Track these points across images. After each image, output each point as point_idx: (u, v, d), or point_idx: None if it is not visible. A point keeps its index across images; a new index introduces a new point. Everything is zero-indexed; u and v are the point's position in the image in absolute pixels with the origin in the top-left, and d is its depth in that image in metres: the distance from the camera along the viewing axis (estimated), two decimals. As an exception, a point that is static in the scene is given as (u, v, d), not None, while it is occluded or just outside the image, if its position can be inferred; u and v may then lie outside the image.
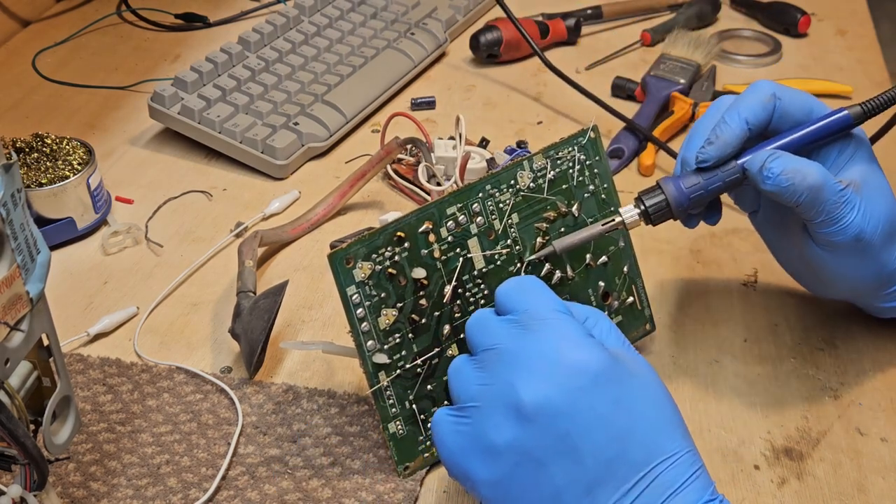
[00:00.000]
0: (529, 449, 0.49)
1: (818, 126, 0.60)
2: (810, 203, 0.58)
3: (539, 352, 0.50)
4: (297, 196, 0.85)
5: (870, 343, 0.69)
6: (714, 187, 0.60)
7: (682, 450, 0.49)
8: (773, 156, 0.58)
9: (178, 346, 0.70)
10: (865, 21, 1.14)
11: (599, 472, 0.48)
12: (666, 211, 0.60)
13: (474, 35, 1.05)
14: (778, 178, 0.57)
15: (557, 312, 0.52)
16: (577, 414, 0.48)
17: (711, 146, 0.60)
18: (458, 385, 0.53)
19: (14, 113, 0.98)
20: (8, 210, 0.44)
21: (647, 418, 0.49)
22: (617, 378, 0.49)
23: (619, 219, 0.60)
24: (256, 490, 0.59)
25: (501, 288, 0.54)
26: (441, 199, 0.59)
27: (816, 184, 0.57)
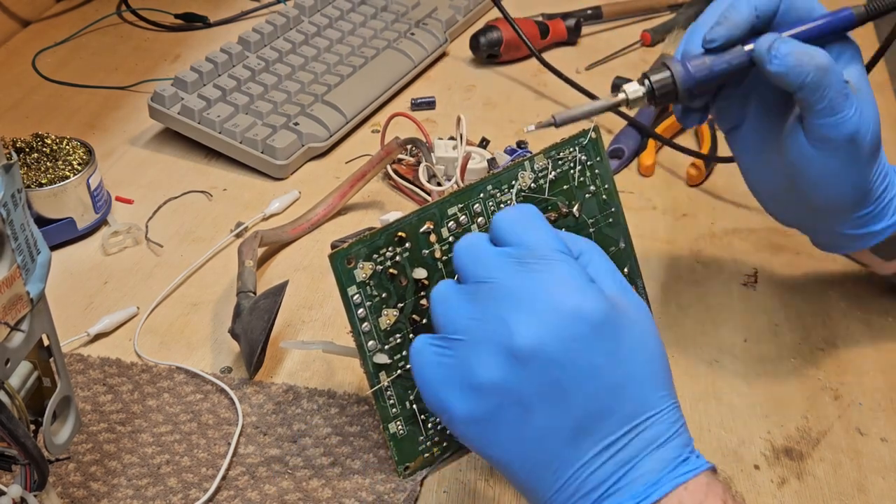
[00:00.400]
0: (516, 392, 0.47)
1: (823, 22, 0.60)
2: (815, 85, 0.57)
3: (538, 294, 0.48)
4: (297, 196, 0.85)
5: (870, 343, 0.69)
6: (719, 69, 0.60)
7: (670, 405, 0.48)
8: (781, 38, 0.58)
9: (178, 346, 0.70)
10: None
11: (586, 423, 0.47)
12: (672, 91, 0.60)
13: (474, 35, 1.05)
14: (786, 58, 0.57)
15: (560, 253, 0.49)
16: (571, 363, 0.47)
17: (720, 26, 0.59)
18: (444, 314, 0.50)
19: (14, 113, 0.98)
20: (8, 210, 0.44)
21: (639, 373, 0.48)
22: (614, 329, 0.48)
23: (622, 96, 0.60)
24: (256, 490, 0.59)
25: (501, 216, 0.51)
26: (442, 199, 0.59)
27: (824, 64, 0.57)
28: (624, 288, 0.50)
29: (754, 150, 0.65)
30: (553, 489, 0.48)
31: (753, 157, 0.66)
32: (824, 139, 0.59)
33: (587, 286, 0.48)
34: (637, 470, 0.47)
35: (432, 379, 0.50)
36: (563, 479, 0.47)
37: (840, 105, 0.58)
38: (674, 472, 0.47)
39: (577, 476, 0.47)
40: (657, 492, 0.47)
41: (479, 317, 0.48)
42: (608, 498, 0.47)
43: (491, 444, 0.49)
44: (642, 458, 0.47)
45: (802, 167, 0.61)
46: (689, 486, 0.47)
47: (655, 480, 0.47)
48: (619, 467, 0.47)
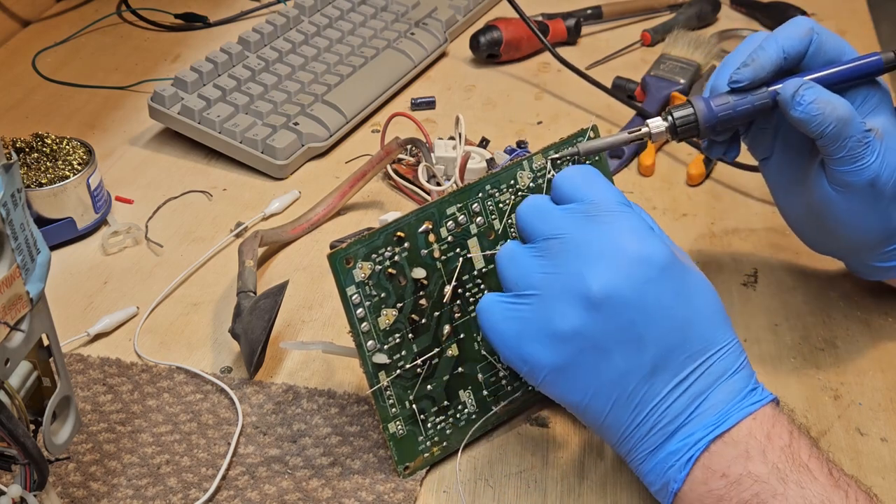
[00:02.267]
0: (595, 336, 0.51)
1: (850, 66, 0.61)
2: (835, 135, 0.59)
3: (608, 243, 0.52)
4: (297, 196, 0.85)
5: (870, 343, 0.69)
6: (743, 109, 0.61)
7: (733, 341, 0.53)
8: (807, 84, 0.59)
9: (178, 346, 0.70)
10: (865, 21, 1.14)
11: (659, 360, 0.51)
12: (693, 126, 0.61)
13: (474, 35, 1.05)
14: (809, 106, 0.59)
15: (623, 205, 0.54)
16: (643, 304, 0.51)
17: (747, 68, 0.61)
18: (515, 272, 0.54)
19: (14, 113, 0.98)
20: (8, 210, 0.44)
21: (703, 311, 0.52)
22: (677, 272, 0.52)
23: (645, 129, 0.61)
24: (256, 490, 0.59)
25: (563, 175, 0.56)
26: (441, 199, 0.59)
27: (845, 116, 0.59)
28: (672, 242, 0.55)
29: (784, 182, 0.67)
30: (632, 426, 0.52)
31: (783, 189, 0.68)
32: (844, 184, 0.61)
33: (651, 233, 0.53)
34: (708, 401, 0.51)
35: (507, 333, 0.54)
36: (642, 415, 0.52)
37: (859, 154, 0.59)
38: (742, 403, 0.51)
39: (655, 411, 0.52)
40: (727, 421, 0.51)
41: (552, 271, 0.53)
42: (682, 429, 0.51)
43: (572, 389, 0.53)
44: (713, 390, 0.52)
45: (826, 207, 0.62)
46: (756, 416, 0.51)
47: (725, 410, 0.51)
48: (692, 400, 0.51)
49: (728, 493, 0.50)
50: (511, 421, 0.63)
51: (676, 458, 0.51)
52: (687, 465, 0.51)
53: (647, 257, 0.52)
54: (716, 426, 0.51)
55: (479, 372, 0.61)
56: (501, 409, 0.62)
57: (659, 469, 0.52)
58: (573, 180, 0.55)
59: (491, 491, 0.59)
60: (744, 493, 0.50)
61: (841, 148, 0.59)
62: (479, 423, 0.61)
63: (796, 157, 0.65)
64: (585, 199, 0.54)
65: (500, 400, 0.62)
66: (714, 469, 0.50)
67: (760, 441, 0.50)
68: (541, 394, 0.63)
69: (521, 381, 0.62)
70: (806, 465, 0.50)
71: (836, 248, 0.68)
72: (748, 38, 0.64)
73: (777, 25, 1.13)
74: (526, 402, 0.63)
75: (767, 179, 0.68)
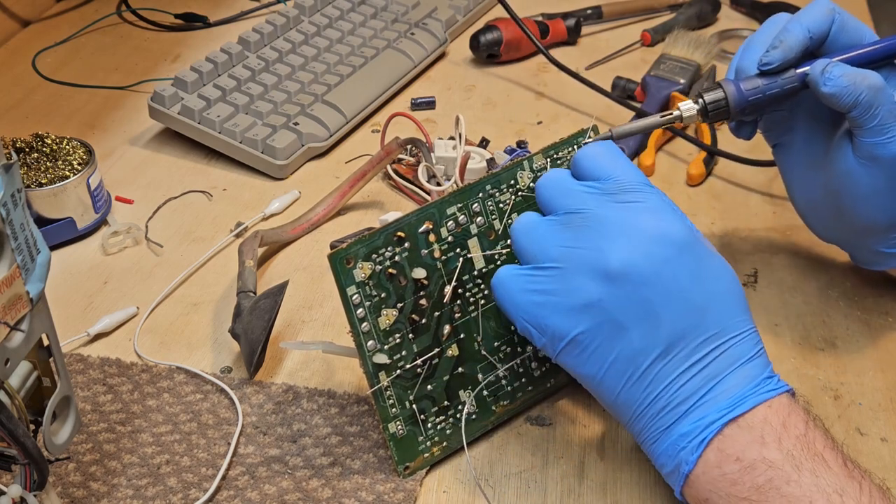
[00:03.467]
0: (612, 310, 0.52)
1: (875, 48, 0.62)
2: (868, 104, 0.60)
3: (628, 221, 0.53)
4: (297, 196, 0.85)
5: (870, 343, 0.69)
6: (772, 92, 0.62)
7: (750, 329, 0.53)
8: (834, 62, 0.61)
9: (178, 346, 0.70)
10: (865, 21, 1.14)
11: (674, 340, 0.52)
12: (724, 109, 0.63)
13: (474, 35, 1.05)
14: (839, 79, 0.60)
15: (645, 185, 0.55)
16: (661, 282, 0.52)
17: (776, 50, 0.62)
18: (534, 244, 0.55)
19: (14, 113, 0.98)
20: (8, 210, 0.44)
21: (721, 296, 0.53)
22: (697, 254, 0.53)
23: (677, 112, 0.62)
24: (256, 490, 0.59)
25: (585, 151, 0.56)
26: (441, 199, 0.59)
27: (877, 84, 0.60)
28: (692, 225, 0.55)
29: (800, 164, 0.68)
30: (645, 403, 0.53)
31: (799, 171, 0.68)
32: (872, 157, 0.61)
33: (672, 213, 0.54)
34: (722, 385, 0.52)
35: (525, 305, 0.54)
36: (655, 393, 0.52)
37: (890, 125, 0.60)
38: (757, 389, 0.52)
39: (668, 390, 0.52)
40: (741, 406, 0.51)
41: (572, 245, 0.53)
42: (695, 410, 0.52)
43: (587, 362, 0.54)
44: (728, 374, 0.52)
45: (847, 182, 0.63)
46: (772, 404, 0.51)
47: (740, 395, 0.51)
48: (706, 381, 0.52)
49: (741, 478, 0.50)
50: (511, 421, 0.63)
51: (689, 439, 0.52)
52: (700, 446, 0.51)
53: (666, 236, 0.52)
54: (730, 410, 0.51)
55: (479, 372, 0.61)
56: (501, 408, 0.62)
57: (671, 450, 0.52)
58: (596, 158, 0.56)
59: (491, 491, 0.59)
60: (758, 477, 0.50)
61: (873, 117, 0.60)
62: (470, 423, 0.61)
63: (815, 138, 0.66)
64: (609, 177, 0.55)
65: (500, 400, 0.62)
66: (728, 453, 0.51)
67: (776, 428, 0.51)
68: (541, 394, 0.64)
69: (521, 381, 0.62)
70: (821, 454, 0.50)
71: (846, 232, 0.68)
72: (770, 20, 0.65)
73: (777, 25, 1.13)
74: (526, 402, 0.63)
75: (782, 163, 0.69)
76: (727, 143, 0.90)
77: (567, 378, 0.64)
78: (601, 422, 0.64)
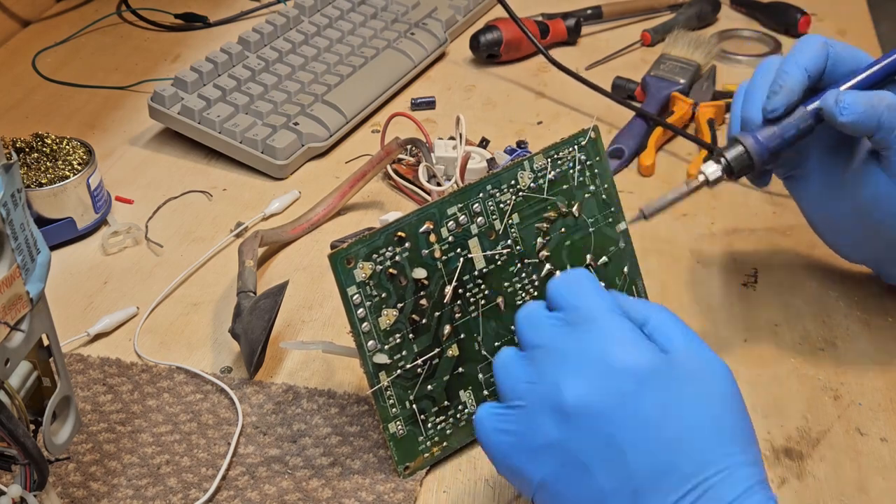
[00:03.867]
0: (574, 451, 0.47)
1: (878, 68, 0.62)
2: (891, 124, 0.59)
3: (585, 352, 0.49)
4: (297, 196, 0.85)
5: (870, 343, 0.69)
6: (790, 135, 0.62)
7: (738, 463, 0.46)
8: (844, 91, 0.60)
9: (178, 346, 0.70)
10: (865, 21, 1.14)
11: (646, 480, 0.46)
12: (748, 163, 0.61)
13: (474, 35, 1.05)
14: (855, 106, 0.59)
15: (608, 312, 0.50)
16: (621, 418, 0.47)
17: (777, 96, 0.61)
18: (505, 381, 0.51)
19: (14, 113, 0.98)
20: (8, 210, 0.44)
21: (699, 427, 0.47)
22: (667, 382, 0.47)
23: (702, 177, 0.62)
24: (256, 490, 0.59)
25: (553, 282, 0.53)
26: (442, 199, 0.59)
27: (894, 103, 0.59)
28: (696, 345, 0.49)
29: (819, 194, 0.67)
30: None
31: (819, 200, 0.67)
32: None
33: (635, 341, 0.49)
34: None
35: (498, 446, 0.50)
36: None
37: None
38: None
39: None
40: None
41: (534, 380, 0.49)
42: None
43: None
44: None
45: (881, 203, 0.62)
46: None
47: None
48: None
49: None
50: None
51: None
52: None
53: (625, 367, 0.47)
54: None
55: (479, 372, 0.61)
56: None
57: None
58: (559, 287, 0.52)
59: (491, 491, 0.59)
60: None
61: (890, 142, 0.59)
62: None
63: (831, 166, 0.65)
64: (570, 307, 0.51)
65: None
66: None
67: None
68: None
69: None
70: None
71: (880, 251, 0.67)
72: (761, 66, 0.64)
73: (777, 25, 1.14)
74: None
75: (798, 193, 0.68)
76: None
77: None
78: (601, 422, 0.63)
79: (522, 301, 0.61)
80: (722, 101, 0.94)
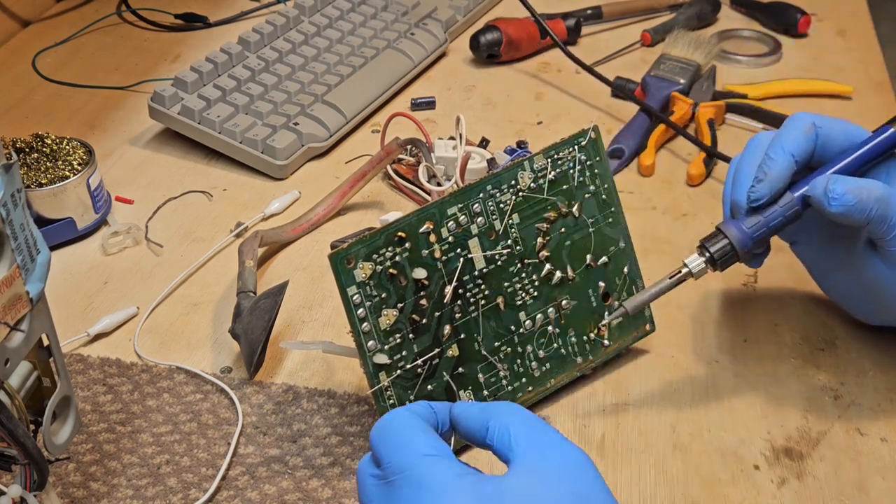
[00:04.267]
0: None
1: (866, 150, 0.60)
2: (881, 217, 0.57)
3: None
4: (297, 196, 0.85)
5: (870, 343, 0.69)
6: (775, 224, 0.60)
7: None
8: (833, 178, 0.58)
9: (178, 346, 0.70)
10: (865, 21, 1.14)
11: None
12: (732, 254, 0.60)
13: (474, 35, 1.05)
14: (844, 197, 0.57)
15: (421, 460, 0.46)
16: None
17: (762, 183, 0.59)
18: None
19: (14, 113, 0.98)
20: (8, 210, 0.44)
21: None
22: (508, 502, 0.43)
23: (685, 270, 0.60)
24: (256, 490, 0.59)
25: (371, 432, 0.49)
26: (442, 199, 0.59)
27: (885, 195, 0.57)
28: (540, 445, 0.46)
29: (825, 265, 0.66)
30: None
31: (825, 271, 0.67)
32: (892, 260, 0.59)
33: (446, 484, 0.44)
34: None
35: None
36: None
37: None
38: None
39: None
40: None
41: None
42: None
43: None
44: None
45: (885, 285, 0.61)
46: None
47: None
48: None
49: None
50: (511, 421, 0.63)
51: None
52: None
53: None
54: None
55: (479, 372, 0.61)
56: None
57: None
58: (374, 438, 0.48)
59: (491, 491, 0.59)
60: None
61: (890, 228, 0.58)
62: None
63: (834, 239, 0.64)
64: (383, 461, 0.47)
65: (500, 400, 0.62)
66: None
67: None
68: (541, 394, 0.64)
69: (521, 381, 0.62)
70: None
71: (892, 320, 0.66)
72: (751, 143, 0.63)
73: (777, 25, 1.14)
74: (526, 402, 0.63)
75: (804, 260, 0.68)
76: (727, 144, 0.90)
77: (567, 378, 0.65)
78: (601, 422, 0.64)
79: (522, 301, 0.61)
80: (722, 102, 0.94)
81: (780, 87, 0.99)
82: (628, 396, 0.65)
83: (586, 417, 0.64)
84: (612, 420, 0.63)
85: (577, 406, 0.65)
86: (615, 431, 0.63)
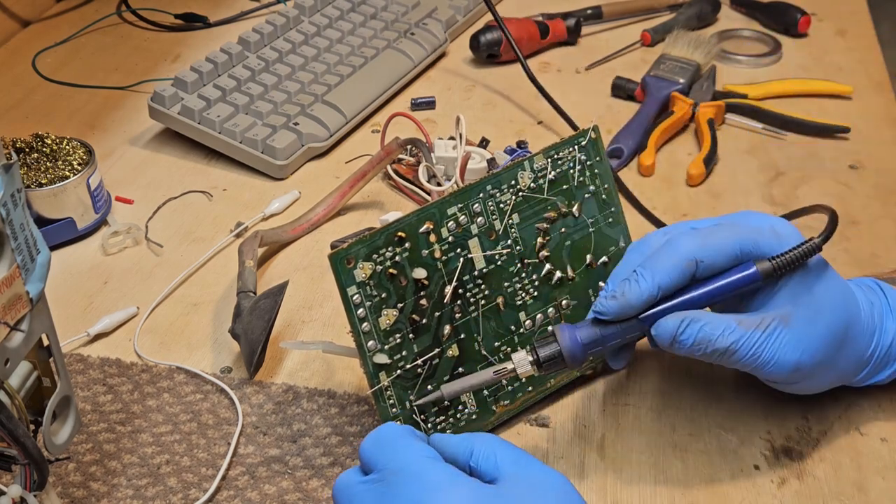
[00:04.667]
0: None
1: (726, 282, 0.56)
2: (731, 361, 0.56)
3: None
4: (297, 196, 0.85)
5: (870, 343, 0.69)
6: (612, 343, 0.57)
7: None
8: (684, 323, 0.55)
9: (178, 346, 0.70)
10: (865, 21, 1.14)
11: None
12: (559, 361, 0.56)
13: (474, 35, 1.05)
14: (691, 348, 0.55)
15: (420, 461, 0.48)
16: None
17: (614, 301, 0.56)
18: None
19: (14, 113, 0.98)
20: (8, 210, 0.44)
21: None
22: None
23: (510, 366, 0.56)
24: (256, 490, 0.59)
25: (362, 444, 0.51)
26: (442, 199, 0.59)
27: (727, 347, 0.55)
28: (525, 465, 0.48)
29: None
30: None
31: None
32: (772, 381, 0.59)
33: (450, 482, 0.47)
34: None
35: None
36: None
37: (765, 357, 0.56)
38: None
39: None
40: None
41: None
42: None
43: None
44: None
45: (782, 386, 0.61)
46: None
47: None
48: None
49: None
50: (511, 421, 0.63)
51: None
52: None
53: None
54: None
55: (479, 372, 0.61)
56: (501, 409, 0.62)
57: None
58: (368, 448, 0.50)
59: (491, 491, 0.59)
60: None
61: (745, 365, 0.56)
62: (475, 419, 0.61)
63: None
64: (379, 467, 0.49)
65: (500, 400, 0.62)
66: None
67: None
68: (541, 394, 0.64)
69: (521, 381, 0.62)
70: None
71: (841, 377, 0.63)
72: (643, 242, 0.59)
73: (777, 25, 1.14)
74: (526, 402, 0.63)
75: None
76: (727, 144, 0.90)
77: (567, 378, 0.65)
78: (601, 422, 0.64)
79: (522, 301, 0.61)
80: (722, 101, 0.94)
81: (780, 87, 0.99)
82: (628, 396, 0.65)
83: (586, 417, 0.64)
84: (612, 420, 0.63)
85: (577, 406, 0.65)
86: (615, 431, 0.63)
